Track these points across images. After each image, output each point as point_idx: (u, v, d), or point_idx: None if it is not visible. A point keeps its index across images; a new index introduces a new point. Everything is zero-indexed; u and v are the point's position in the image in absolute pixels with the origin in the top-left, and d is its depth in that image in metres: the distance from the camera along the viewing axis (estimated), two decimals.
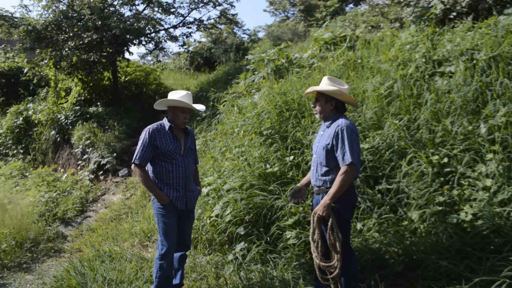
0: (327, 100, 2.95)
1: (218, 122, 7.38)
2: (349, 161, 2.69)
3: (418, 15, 6.90)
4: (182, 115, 3.21)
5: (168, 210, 3.15)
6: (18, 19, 10.65)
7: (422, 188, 3.42)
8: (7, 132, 12.40)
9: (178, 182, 3.17)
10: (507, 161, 3.19)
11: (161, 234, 3.15)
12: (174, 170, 3.16)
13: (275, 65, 7.19)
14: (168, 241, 3.13)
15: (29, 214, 6.40)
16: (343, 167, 2.72)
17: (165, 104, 3.24)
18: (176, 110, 3.20)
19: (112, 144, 9.58)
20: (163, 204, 3.13)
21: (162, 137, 3.16)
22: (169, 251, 3.14)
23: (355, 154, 2.72)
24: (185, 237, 3.36)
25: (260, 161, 4.63)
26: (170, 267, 3.16)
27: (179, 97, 3.20)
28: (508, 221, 2.96)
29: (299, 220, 3.83)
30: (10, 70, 14.66)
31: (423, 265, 3.04)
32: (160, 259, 3.14)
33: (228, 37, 17.75)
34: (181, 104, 3.18)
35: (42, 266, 5.02)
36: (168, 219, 3.14)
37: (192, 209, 3.35)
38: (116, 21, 10.26)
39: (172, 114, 3.22)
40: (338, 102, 2.95)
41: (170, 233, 3.14)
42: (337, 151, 2.77)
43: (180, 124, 3.23)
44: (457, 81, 4.10)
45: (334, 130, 2.81)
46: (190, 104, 3.22)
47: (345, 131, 2.75)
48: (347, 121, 2.83)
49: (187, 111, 3.24)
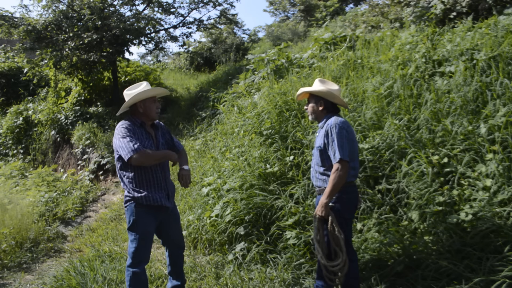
0: (316, 101, 2.99)
1: (218, 122, 7.38)
2: (339, 158, 2.70)
3: (418, 15, 6.90)
4: (154, 105, 3.03)
5: (148, 216, 2.96)
6: (18, 19, 10.65)
7: (422, 188, 3.42)
8: (7, 132, 12.40)
9: (159, 183, 3.00)
10: (507, 161, 3.19)
11: (135, 242, 2.92)
12: (153, 169, 2.98)
13: (275, 65, 7.19)
14: (144, 250, 2.96)
15: (29, 214, 6.40)
16: (334, 164, 2.74)
17: (136, 99, 2.97)
18: (147, 102, 3.01)
19: (112, 144, 9.57)
20: (144, 211, 2.94)
21: (137, 133, 2.96)
22: (144, 260, 2.98)
23: (345, 151, 2.73)
24: (177, 237, 3.22)
25: (260, 161, 4.63)
26: (144, 274, 2.98)
27: (143, 89, 3.00)
28: (508, 221, 2.96)
29: (299, 220, 3.83)
30: (10, 70, 14.67)
31: (423, 265, 3.04)
32: (133, 266, 2.92)
33: (228, 37, 17.75)
34: (152, 93, 3.01)
35: (42, 266, 5.02)
36: (147, 227, 2.96)
37: (173, 203, 3.18)
38: (116, 21, 10.26)
39: (143, 109, 3.01)
40: (327, 102, 2.97)
41: (147, 243, 2.98)
42: (329, 149, 2.80)
43: (154, 115, 3.05)
44: (457, 81, 4.09)
45: (325, 129, 2.85)
46: (160, 90, 3.08)
47: (334, 129, 2.77)
48: (337, 119, 2.85)
49: (157, 100, 3.08)
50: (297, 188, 4.06)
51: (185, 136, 8.84)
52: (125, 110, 3.09)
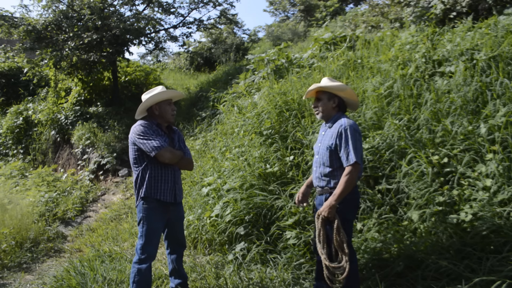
0: (330, 98, 2.94)
1: (218, 122, 7.38)
2: (354, 161, 2.68)
3: (418, 15, 6.90)
4: (169, 107, 3.13)
5: (156, 214, 3.04)
6: (18, 19, 10.65)
7: (422, 188, 3.42)
8: (7, 132, 12.41)
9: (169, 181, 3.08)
10: (507, 161, 3.19)
11: (143, 238, 3.00)
12: (164, 167, 3.06)
13: (275, 65, 7.19)
14: (151, 246, 3.02)
15: (29, 214, 6.41)
16: (347, 167, 2.71)
17: (152, 101, 3.09)
18: (162, 105, 3.11)
19: (112, 144, 9.58)
20: (152, 208, 3.02)
21: (155, 132, 3.06)
22: (150, 257, 3.03)
23: (359, 153, 2.71)
24: (180, 236, 3.28)
25: (260, 161, 4.63)
26: (149, 272, 3.04)
27: (159, 91, 3.11)
28: (508, 221, 2.96)
29: (299, 220, 3.83)
30: (10, 70, 14.67)
31: (423, 265, 3.04)
32: (139, 263, 2.99)
33: (228, 37, 17.74)
34: (167, 95, 3.11)
35: (42, 266, 5.02)
36: (154, 224, 3.03)
37: (180, 202, 3.25)
38: (116, 21, 10.26)
39: (159, 111, 3.12)
40: (340, 100, 2.95)
41: (154, 238, 3.04)
42: (341, 151, 2.76)
43: (170, 117, 3.15)
44: (457, 81, 4.09)
45: (338, 130, 2.79)
46: (174, 92, 3.18)
47: (349, 131, 2.74)
48: (350, 120, 2.82)
49: (172, 103, 3.18)
50: (297, 188, 4.06)
51: (185, 136, 8.84)
52: (143, 115, 3.21)
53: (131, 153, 3.11)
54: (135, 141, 3.04)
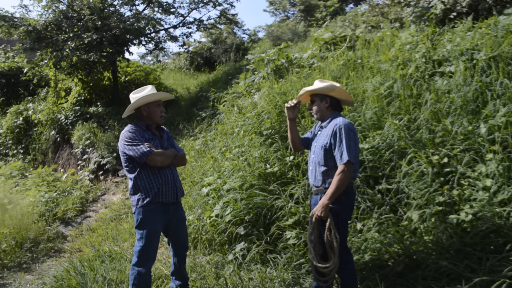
0: (322, 99, 2.98)
1: (218, 122, 7.38)
2: (346, 160, 2.68)
3: (418, 15, 6.91)
4: (158, 109, 3.08)
5: (156, 216, 3.01)
6: (18, 19, 10.65)
7: (422, 188, 3.42)
8: (7, 132, 12.41)
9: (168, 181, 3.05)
10: (507, 161, 3.19)
11: (143, 240, 2.96)
12: (161, 168, 3.03)
13: (275, 65, 7.19)
14: (151, 249, 3.00)
15: (29, 214, 6.41)
16: (340, 166, 2.72)
17: (140, 103, 3.04)
18: (151, 106, 3.07)
19: (112, 144, 9.58)
20: (152, 211, 2.99)
21: (144, 136, 3.03)
22: (151, 259, 3.01)
23: (352, 152, 2.71)
24: (183, 238, 3.26)
25: (260, 161, 4.63)
26: (149, 275, 3.02)
27: (148, 93, 3.06)
28: (508, 221, 2.96)
29: (299, 220, 3.83)
30: (10, 70, 14.67)
31: (423, 265, 3.04)
32: (138, 266, 2.96)
33: (228, 37, 17.74)
34: (156, 97, 3.06)
35: (42, 266, 5.02)
36: (155, 226, 3.00)
37: (180, 201, 3.22)
38: (116, 21, 10.26)
39: (148, 113, 3.07)
40: (332, 99, 2.97)
41: (154, 241, 3.02)
42: (335, 150, 2.77)
43: (159, 119, 3.11)
44: (457, 81, 4.10)
45: (332, 129, 2.81)
46: (163, 94, 3.14)
47: (343, 130, 2.76)
48: (345, 120, 2.83)
49: (161, 104, 3.13)
50: (297, 188, 4.06)
51: (185, 136, 8.84)
52: (131, 113, 3.15)
53: (123, 161, 3.05)
54: (124, 150, 2.99)
